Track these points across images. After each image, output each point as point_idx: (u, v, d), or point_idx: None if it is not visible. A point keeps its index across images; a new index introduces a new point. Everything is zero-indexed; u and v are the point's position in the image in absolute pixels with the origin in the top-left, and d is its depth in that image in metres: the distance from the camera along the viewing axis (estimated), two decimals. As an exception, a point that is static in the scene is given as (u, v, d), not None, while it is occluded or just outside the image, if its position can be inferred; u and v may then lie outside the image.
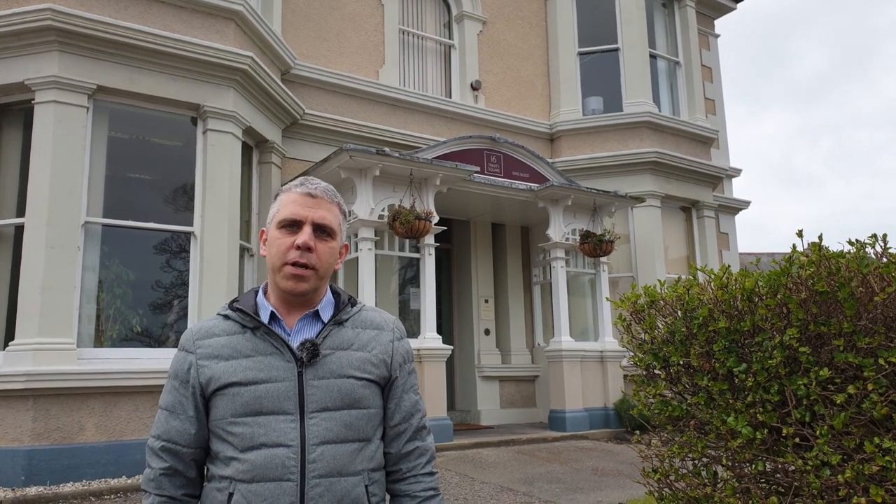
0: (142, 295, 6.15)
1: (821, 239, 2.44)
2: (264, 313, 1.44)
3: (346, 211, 1.56)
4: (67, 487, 5.12)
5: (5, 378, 5.20)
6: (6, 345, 5.46)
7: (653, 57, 10.67)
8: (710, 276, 2.78)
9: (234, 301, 1.48)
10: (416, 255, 7.61)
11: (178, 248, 6.36)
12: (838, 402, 2.21)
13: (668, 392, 2.88)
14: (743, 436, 2.42)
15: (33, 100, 5.71)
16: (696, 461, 2.75)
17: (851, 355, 2.22)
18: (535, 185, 8.44)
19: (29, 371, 5.20)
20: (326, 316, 1.47)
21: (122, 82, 5.98)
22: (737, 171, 13.02)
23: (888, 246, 2.33)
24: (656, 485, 2.84)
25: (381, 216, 7.21)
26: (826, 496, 2.25)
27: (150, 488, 1.41)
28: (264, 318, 1.43)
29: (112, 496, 5.09)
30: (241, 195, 6.75)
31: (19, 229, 5.71)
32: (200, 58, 6.29)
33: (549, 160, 9.37)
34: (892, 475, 2.11)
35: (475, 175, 7.85)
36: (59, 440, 5.32)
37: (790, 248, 2.59)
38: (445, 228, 7.98)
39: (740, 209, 12.58)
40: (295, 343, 1.41)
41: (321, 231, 1.43)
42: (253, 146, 7.40)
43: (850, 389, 2.19)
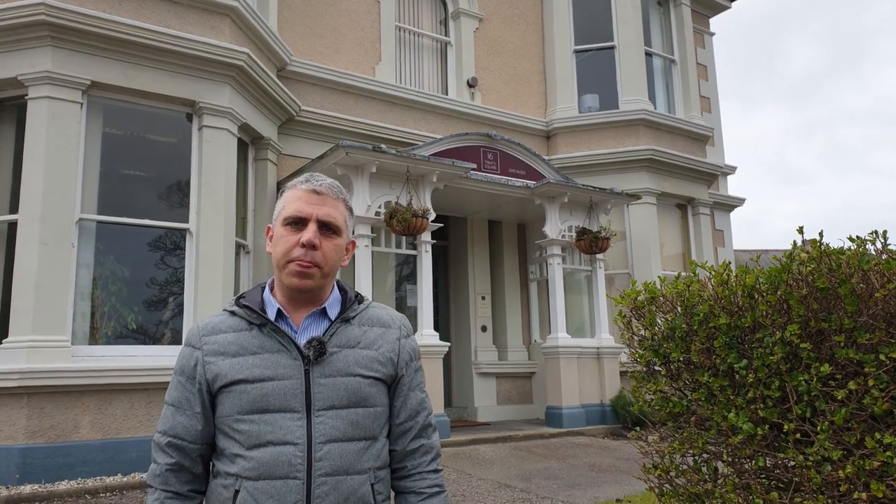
0: (137, 292, 6.11)
1: (821, 235, 2.44)
2: (271, 310, 1.43)
3: (352, 207, 1.55)
4: (62, 485, 5.09)
5: None
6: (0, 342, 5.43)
7: (648, 55, 10.69)
8: (710, 273, 2.77)
9: (241, 297, 1.47)
10: (412, 253, 7.60)
11: (174, 245, 6.33)
12: (839, 397, 2.22)
13: (669, 388, 2.88)
14: (744, 432, 2.42)
15: (27, 95, 5.66)
16: (697, 457, 2.75)
17: (852, 351, 2.22)
18: (531, 183, 8.44)
19: (23, 369, 5.16)
20: (333, 313, 1.45)
21: (116, 78, 5.94)
22: (732, 169, 13.06)
23: (888, 242, 2.33)
24: (657, 481, 2.84)
25: (377, 213, 7.20)
26: (827, 492, 2.25)
27: (156, 483, 1.41)
28: (271, 314, 1.42)
29: (107, 494, 5.07)
30: (237, 192, 6.72)
31: (13, 226, 5.66)
32: (196, 54, 6.25)
33: (546, 157, 9.38)
34: (893, 470, 2.12)
35: (472, 172, 7.84)
36: (54, 438, 5.29)
37: (784, 244, 2.60)
38: (442, 225, 7.98)
39: (735, 206, 12.62)
40: (302, 341, 1.40)
41: (327, 228, 1.42)
42: (249, 143, 7.37)
43: (851, 385, 2.19)
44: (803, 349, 2.31)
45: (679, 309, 2.82)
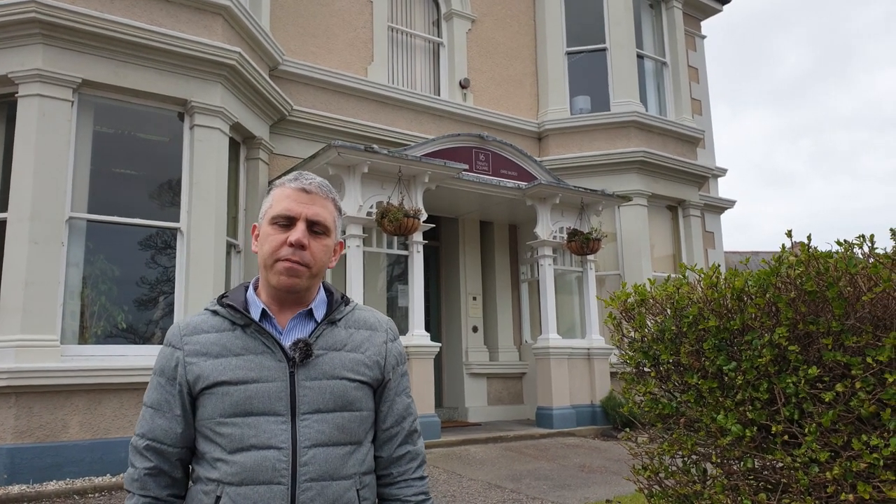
0: (127, 291, 6.08)
1: (809, 239, 2.46)
2: (255, 310, 1.38)
3: (342, 207, 1.54)
4: (51, 486, 5.06)
5: (-13, 375, 5.12)
6: (-12, 342, 5.38)
7: (640, 57, 10.74)
8: (699, 276, 2.80)
9: (224, 296, 1.43)
10: (404, 253, 7.60)
11: (164, 244, 6.30)
12: (827, 399, 2.24)
13: (658, 390, 2.90)
14: (732, 433, 2.44)
15: (17, 93, 5.63)
16: (686, 458, 2.77)
17: (840, 354, 2.24)
18: (523, 184, 8.46)
19: (11, 368, 5.13)
20: (320, 315, 1.42)
21: (108, 76, 5.91)
22: (722, 171, 13.13)
23: (875, 246, 2.36)
24: (646, 482, 2.86)
25: (369, 213, 7.19)
26: (814, 493, 2.27)
27: (134, 489, 1.36)
28: (255, 315, 1.37)
29: (96, 494, 5.04)
30: (228, 191, 6.70)
31: (2, 224, 5.62)
32: (187, 53, 6.22)
33: (538, 159, 9.40)
34: (880, 472, 2.14)
35: (464, 173, 7.85)
36: (43, 438, 5.25)
37: (774, 246, 2.62)
38: (434, 226, 7.98)
39: (726, 208, 12.69)
40: (287, 342, 1.36)
41: (315, 228, 1.39)
42: (240, 142, 7.35)
43: (839, 387, 2.22)
44: (791, 352, 2.33)
45: (669, 311, 2.84)
